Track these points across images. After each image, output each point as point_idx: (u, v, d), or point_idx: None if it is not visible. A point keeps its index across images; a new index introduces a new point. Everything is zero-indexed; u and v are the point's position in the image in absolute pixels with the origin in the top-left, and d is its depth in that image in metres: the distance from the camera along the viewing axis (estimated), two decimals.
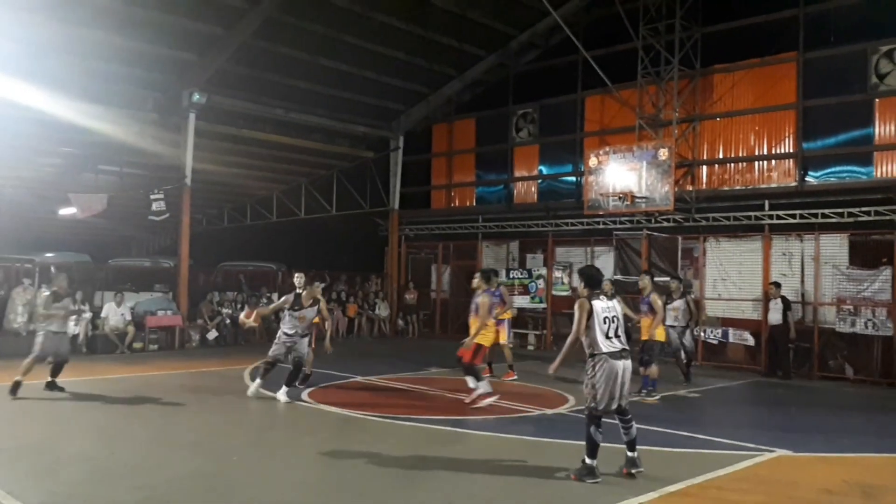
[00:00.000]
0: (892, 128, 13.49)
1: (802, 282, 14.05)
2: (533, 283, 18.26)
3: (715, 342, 14.86)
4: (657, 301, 10.80)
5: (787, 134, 14.63)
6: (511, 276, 18.65)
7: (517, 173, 19.41)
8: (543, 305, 18.03)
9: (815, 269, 13.81)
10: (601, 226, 16.93)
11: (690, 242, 15.80)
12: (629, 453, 6.52)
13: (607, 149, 15.75)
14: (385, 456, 7.07)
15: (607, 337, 6.41)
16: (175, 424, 8.52)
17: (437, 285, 20.94)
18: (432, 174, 21.57)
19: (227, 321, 17.28)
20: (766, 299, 14.03)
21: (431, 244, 21.23)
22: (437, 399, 10.55)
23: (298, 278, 10.47)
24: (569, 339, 6.54)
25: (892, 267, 12.92)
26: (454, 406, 9.93)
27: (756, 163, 15.09)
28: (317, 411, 9.41)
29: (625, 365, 6.44)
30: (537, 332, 18.37)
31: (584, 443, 6.46)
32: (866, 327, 13.20)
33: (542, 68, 18.69)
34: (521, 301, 18.34)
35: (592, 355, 6.42)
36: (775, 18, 14.83)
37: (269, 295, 18.88)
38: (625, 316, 7.16)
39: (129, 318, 15.39)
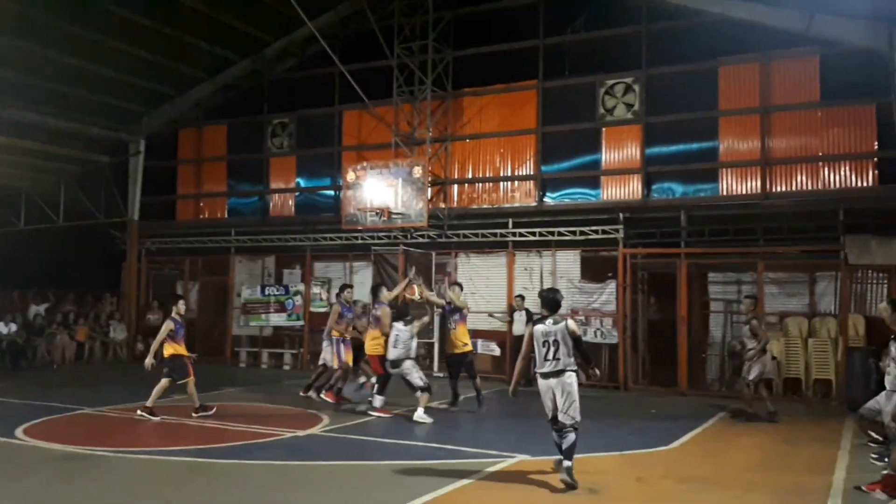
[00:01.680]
0: (616, 154, 15.48)
1: None
2: (290, 300, 18.15)
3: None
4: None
5: (528, 157, 16.16)
6: (266, 292, 18.38)
7: (273, 185, 19.21)
8: (301, 323, 17.99)
9: (552, 283, 15.35)
10: (359, 241, 17.32)
11: (444, 258, 16.77)
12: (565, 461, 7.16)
13: (365, 164, 16.20)
14: (114, 496, 6.63)
15: (545, 359, 7.30)
16: None
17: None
18: (178, 183, 20.60)
19: None
20: (511, 311, 15.32)
21: (177, 259, 20.22)
22: (180, 428, 10.13)
23: None
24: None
25: (616, 281, 14.77)
26: (199, 434, 9.59)
27: (501, 183, 16.46)
28: (33, 449, 8.56)
29: (554, 382, 7.24)
30: (294, 352, 18.26)
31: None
32: (595, 336, 14.96)
33: (300, 78, 18.74)
34: (277, 319, 18.17)
35: (533, 373, 7.57)
36: (519, 48, 16.31)
37: None
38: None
39: None
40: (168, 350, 10.76)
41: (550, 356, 7.27)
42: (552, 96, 15.98)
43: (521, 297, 15.13)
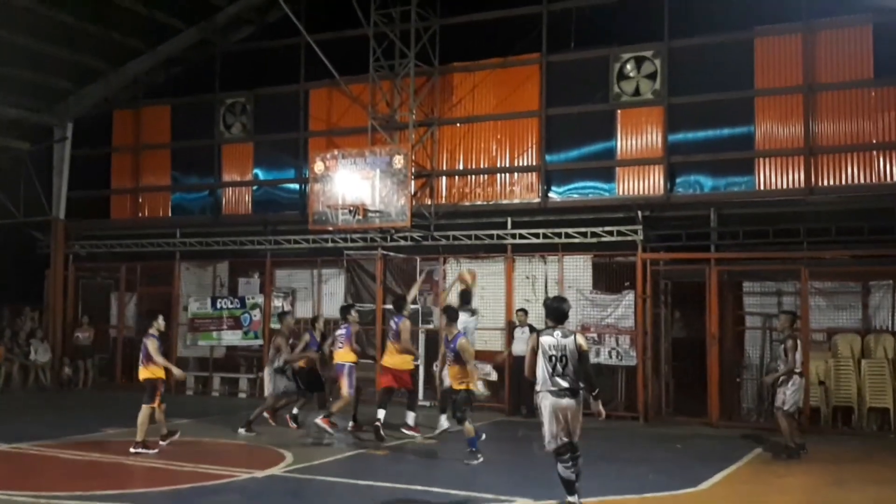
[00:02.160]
0: (634, 141, 15.56)
1: None
2: (246, 315, 18.15)
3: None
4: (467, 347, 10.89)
5: (529, 145, 16.24)
6: (218, 305, 18.36)
7: (226, 177, 19.21)
8: (260, 342, 17.97)
9: (559, 294, 15.38)
10: (329, 244, 17.34)
11: (430, 263, 16.80)
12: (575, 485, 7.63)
13: (336, 152, 16.22)
14: None
15: (555, 375, 7.58)
16: None
17: (119, 320, 19.88)
18: (112, 175, 20.57)
19: None
20: (511, 328, 15.36)
21: (111, 265, 20.19)
22: (113, 468, 10.09)
23: None
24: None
25: (634, 291, 14.83)
26: (140, 475, 9.58)
27: (498, 176, 16.53)
28: None
29: (568, 403, 7.59)
30: (251, 376, 18.24)
31: None
32: (610, 357, 15.03)
33: (258, 50, 18.76)
34: (233, 337, 18.15)
35: (537, 392, 7.70)
36: (518, 14, 16.36)
37: None
38: None
39: None
40: (143, 373, 11.09)
41: (561, 372, 7.60)
42: (558, 72, 16.04)
43: (524, 312, 15.15)
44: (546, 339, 7.68)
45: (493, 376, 15.73)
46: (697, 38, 14.97)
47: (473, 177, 16.73)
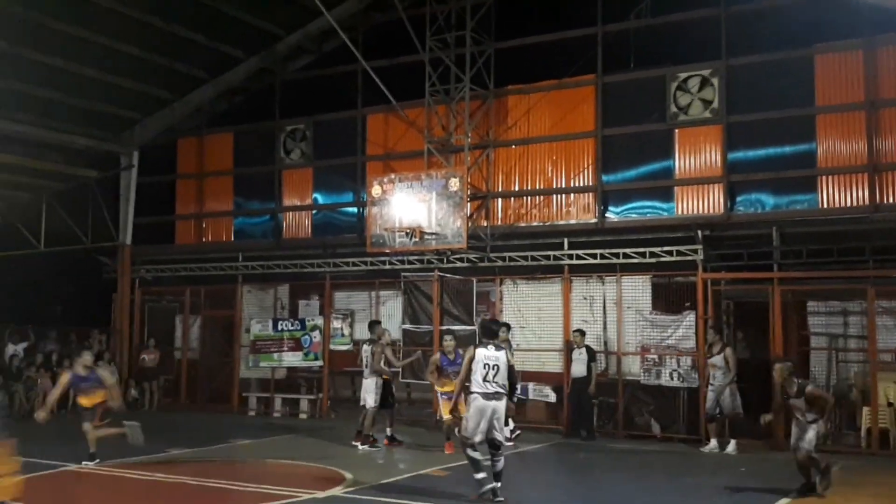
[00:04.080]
0: (692, 161, 15.37)
1: (605, 329, 15.43)
2: (307, 337, 18.26)
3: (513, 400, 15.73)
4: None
5: (586, 165, 16.12)
6: (279, 327, 18.51)
7: (287, 202, 19.46)
8: (320, 363, 18.08)
9: (617, 315, 15.22)
10: (387, 266, 17.41)
11: (486, 285, 16.75)
12: (495, 483, 9.09)
13: (393, 176, 16.30)
14: None
15: (484, 380, 9.13)
16: None
17: (182, 342, 20.20)
18: (177, 201, 20.98)
19: None
20: (569, 349, 15.20)
21: (176, 289, 20.52)
22: (177, 490, 10.21)
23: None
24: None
25: (695, 312, 14.58)
26: (203, 496, 9.64)
27: (554, 196, 16.44)
28: None
29: (494, 405, 9.12)
30: (312, 397, 18.34)
31: None
32: (671, 378, 14.75)
33: (316, 78, 19.03)
34: (293, 358, 18.27)
35: (470, 393, 9.28)
36: (573, 37, 16.34)
37: None
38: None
39: None
40: (84, 402, 12.01)
41: (491, 379, 9.15)
42: (614, 93, 15.95)
43: (581, 333, 14.94)
44: (481, 351, 9.28)
45: (552, 398, 15.55)
46: (756, 56, 14.74)
47: (529, 198, 16.66)
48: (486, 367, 9.14)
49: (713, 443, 13.32)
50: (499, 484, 9.05)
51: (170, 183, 21.06)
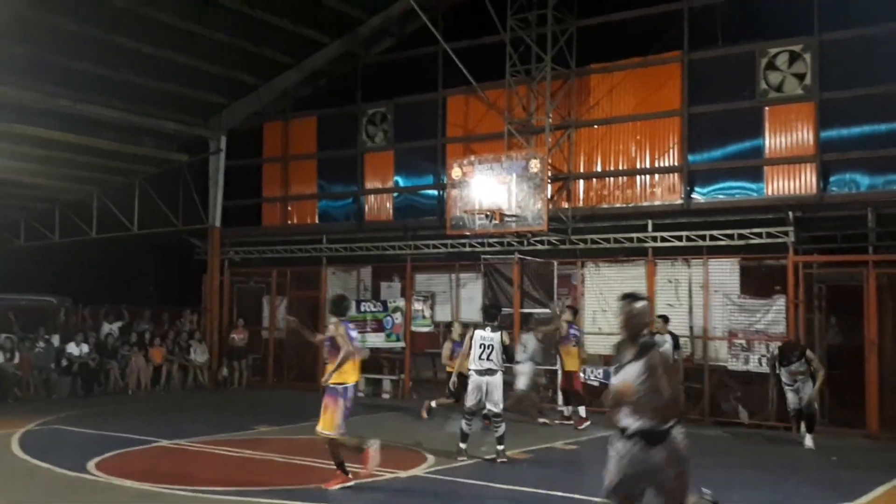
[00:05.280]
0: (783, 139, 14.89)
1: (690, 313, 15.09)
2: (389, 318, 18.42)
3: (596, 384, 15.51)
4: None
5: (671, 145, 15.78)
6: (362, 308, 18.68)
7: (368, 185, 19.64)
8: (402, 345, 18.24)
9: (703, 299, 14.90)
10: (467, 248, 17.42)
11: (568, 268, 16.59)
12: (497, 446, 10.56)
13: (473, 158, 16.28)
14: None
15: (479, 358, 10.67)
16: None
17: (270, 322, 20.66)
18: (263, 184, 21.41)
19: None
20: (652, 335, 14.86)
21: (263, 270, 20.98)
22: (265, 466, 10.45)
23: None
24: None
25: (785, 296, 14.15)
26: (290, 472, 9.87)
27: (638, 177, 16.14)
28: (107, 486, 9.06)
29: (488, 380, 10.64)
30: (394, 378, 18.54)
31: None
32: (760, 364, 14.33)
33: (397, 60, 19.09)
34: (376, 339, 18.42)
35: (469, 370, 10.87)
36: (658, 12, 15.94)
37: (47, 337, 17.92)
38: None
39: None
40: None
41: (486, 357, 10.63)
42: (700, 70, 15.56)
43: (665, 319, 14.55)
44: (479, 332, 10.81)
45: None
46: (850, 31, 14.15)
47: (612, 179, 16.41)
48: (482, 346, 10.68)
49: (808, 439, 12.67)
50: (502, 446, 10.51)
51: (256, 166, 21.49)
